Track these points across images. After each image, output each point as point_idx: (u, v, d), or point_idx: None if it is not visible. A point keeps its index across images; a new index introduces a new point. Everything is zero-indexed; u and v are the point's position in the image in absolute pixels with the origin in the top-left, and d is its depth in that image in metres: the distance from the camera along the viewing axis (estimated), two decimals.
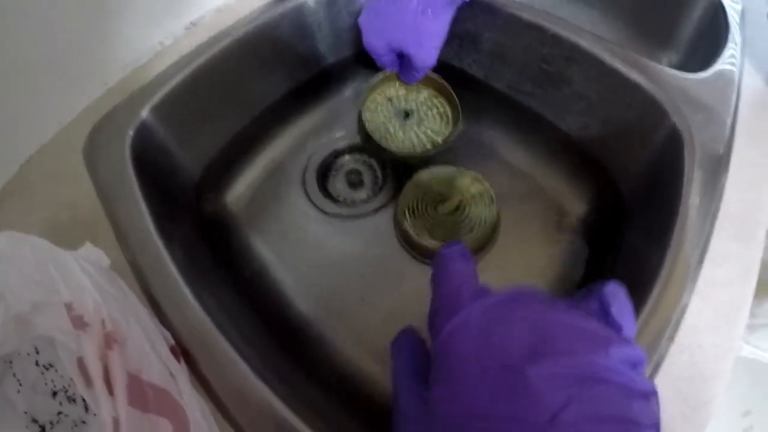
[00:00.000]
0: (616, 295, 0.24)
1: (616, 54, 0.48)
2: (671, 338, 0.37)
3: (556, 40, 0.50)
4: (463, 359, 0.21)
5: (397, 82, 0.56)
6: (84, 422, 0.38)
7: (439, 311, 0.24)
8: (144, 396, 0.26)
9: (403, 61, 0.51)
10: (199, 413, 0.30)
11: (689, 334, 0.37)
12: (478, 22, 0.53)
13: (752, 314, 0.75)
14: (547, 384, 0.19)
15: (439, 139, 0.55)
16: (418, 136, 0.55)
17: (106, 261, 0.34)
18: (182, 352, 0.34)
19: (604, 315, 0.23)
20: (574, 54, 0.50)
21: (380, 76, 0.55)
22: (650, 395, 0.20)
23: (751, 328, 0.78)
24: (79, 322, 0.26)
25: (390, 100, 0.57)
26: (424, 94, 0.57)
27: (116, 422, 0.24)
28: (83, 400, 0.38)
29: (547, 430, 0.19)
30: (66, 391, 0.38)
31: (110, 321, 0.27)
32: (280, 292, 0.50)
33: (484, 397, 0.20)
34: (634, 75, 0.47)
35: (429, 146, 0.54)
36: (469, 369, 0.21)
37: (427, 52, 0.48)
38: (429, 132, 0.56)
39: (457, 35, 0.55)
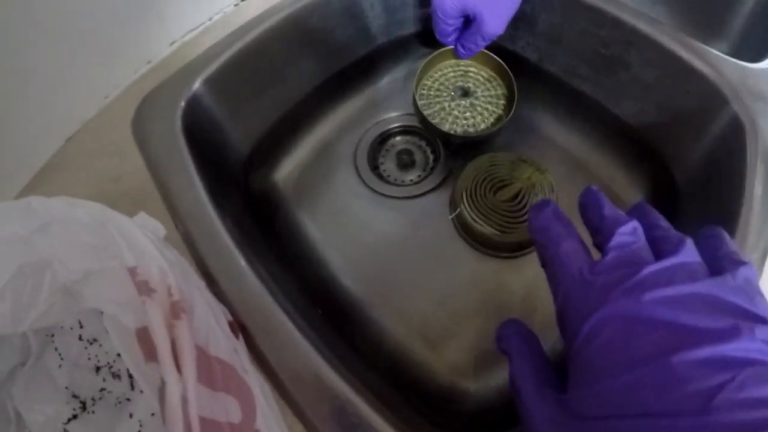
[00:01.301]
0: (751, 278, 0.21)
1: (676, 39, 0.45)
2: None
3: (615, 23, 0.46)
4: (606, 359, 0.19)
5: (454, 60, 0.53)
6: (129, 399, 0.35)
7: (569, 310, 0.22)
8: (212, 372, 0.22)
9: (469, 29, 0.48)
10: (260, 391, 0.27)
11: None
12: (535, 2, 0.50)
13: None
14: (694, 372, 0.17)
15: (494, 119, 0.51)
16: (474, 116, 0.52)
17: (162, 231, 0.31)
18: (240, 327, 0.31)
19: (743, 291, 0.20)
20: (632, 38, 0.46)
21: (434, 54, 0.51)
22: None
23: None
24: (145, 288, 0.22)
25: (446, 78, 0.54)
26: (482, 72, 0.54)
27: (185, 401, 0.20)
28: (129, 376, 0.36)
29: (699, 420, 0.16)
30: (110, 367, 0.36)
31: (177, 289, 0.23)
32: (329, 271, 0.47)
33: (631, 395, 0.18)
34: (694, 61, 0.43)
35: (484, 126, 0.51)
36: (614, 369, 0.19)
37: (499, 17, 0.45)
38: (486, 112, 0.52)
39: (513, 17, 0.51)
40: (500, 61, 0.52)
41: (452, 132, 0.50)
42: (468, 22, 0.47)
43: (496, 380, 0.42)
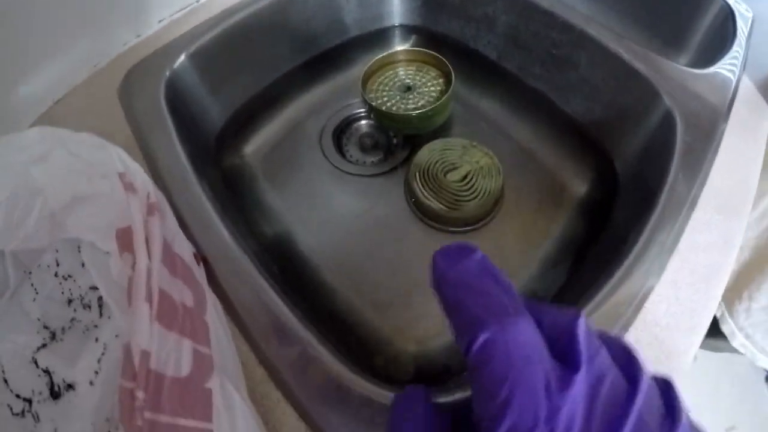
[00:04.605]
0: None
1: (619, 43, 0.54)
2: (639, 307, 0.40)
3: (566, 27, 0.56)
4: None
5: (396, 63, 0.62)
6: (96, 326, 0.41)
7: None
8: (173, 262, 0.31)
9: None
10: (212, 302, 0.35)
11: (668, 287, 0.41)
12: (497, 5, 0.59)
13: (750, 297, 0.74)
14: None
15: (434, 99, 0.60)
16: (416, 103, 0.60)
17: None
18: (202, 259, 0.38)
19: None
20: (581, 40, 0.55)
21: (379, 57, 0.60)
22: None
23: (748, 312, 0.75)
24: (130, 187, 0.31)
25: (391, 79, 0.63)
26: (423, 69, 0.62)
27: (149, 272, 0.29)
28: (99, 306, 0.43)
29: None
30: (82, 299, 0.42)
31: (153, 194, 0.32)
32: (291, 240, 0.55)
33: None
34: (635, 62, 0.53)
35: (426, 107, 0.58)
36: None
37: None
38: (427, 98, 0.60)
39: (476, 18, 0.60)
40: (439, 56, 0.60)
41: (395, 113, 0.58)
42: None
43: (436, 343, 0.49)
